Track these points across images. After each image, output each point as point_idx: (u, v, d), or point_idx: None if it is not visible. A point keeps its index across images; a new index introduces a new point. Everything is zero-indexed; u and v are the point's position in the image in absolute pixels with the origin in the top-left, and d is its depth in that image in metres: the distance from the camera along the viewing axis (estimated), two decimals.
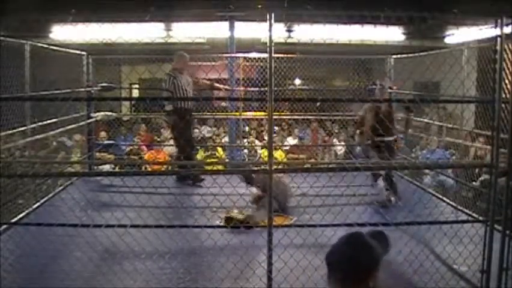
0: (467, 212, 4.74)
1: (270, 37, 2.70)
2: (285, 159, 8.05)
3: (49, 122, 5.22)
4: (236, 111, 7.15)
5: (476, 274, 3.08)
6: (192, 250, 3.72)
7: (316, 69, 7.40)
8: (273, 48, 2.72)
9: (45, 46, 5.23)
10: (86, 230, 3.25)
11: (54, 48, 5.43)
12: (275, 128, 8.72)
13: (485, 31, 6.19)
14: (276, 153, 7.82)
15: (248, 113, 7.72)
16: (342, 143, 8.72)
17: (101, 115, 6.34)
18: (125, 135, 9.01)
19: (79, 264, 3.33)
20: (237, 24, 6.93)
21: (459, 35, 7.95)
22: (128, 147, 8.29)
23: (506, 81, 3.15)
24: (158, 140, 8.89)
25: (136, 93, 10.42)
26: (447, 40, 8.53)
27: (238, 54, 6.98)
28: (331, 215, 3.47)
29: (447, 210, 4.76)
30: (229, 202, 3.82)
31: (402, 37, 8.43)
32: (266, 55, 2.75)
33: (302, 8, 5.99)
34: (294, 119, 9.18)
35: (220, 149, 8.11)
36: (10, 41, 4.41)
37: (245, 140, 8.55)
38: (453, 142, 5.83)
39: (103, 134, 7.99)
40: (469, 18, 6.90)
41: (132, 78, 9.71)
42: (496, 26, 2.89)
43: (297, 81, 10.96)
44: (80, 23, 7.14)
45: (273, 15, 2.69)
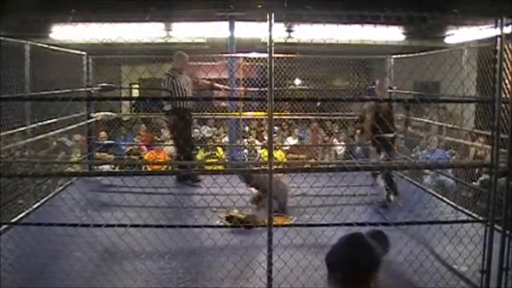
0: (467, 212, 4.74)
1: (270, 37, 2.71)
2: (285, 159, 8.05)
3: (49, 122, 5.22)
4: (236, 111, 7.15)
5: (476, 274, 3.08)
6: (192, 250, 3.72)
7: (316, 69, 7.40)
8: (273, 48, 2.72)
9: (45, 46, 5.23)
10: (86, 230, 3.25)
11: (54, 48, 5.43)
12: (275, 128, 8.72)
13: (485, 31, 6.20)
14: (276, 153, 7.82)
15: (248, 113, 7.71)
16: (342, 143, 8.72)
17: (101, 115, 6.34)
18: (125, 135, 9.01)
19: (79, 264, 3.33)
20: (237, 24, 6.92)
21: (459, 35, 7.96)
22: (128, 147, 8.29)
23: (506, 81, 3.16)
24: (158, 140, 8.89)
25: (136, 93, 10.41)
26: (447, 40, 8.53)
27: (238, 54, 6.97)
28: (331, 215, 3.47)
29: (447, 210, 4.76)
30: (229, 202, 3.83)
31: (402, 37, 8.43)
32: (266, 55, 2.75)
33: (302, 8, 6.00)
34: (294, 119, 9.18)
35: (220, 149, 8.11)
36: (10, 41, 4.41)
37: (245, 140, 8.55)
38: (453, 142, 5.82)
39: (103, 134, 7.98)
40: (469, 18, 6.90)
41: (132, 78, 9.70)
42: (496, 26, 2.89)
43: (297, 81, 10.96)
44: (80, 23, 7.15)
45: (273, 15, 2.69)
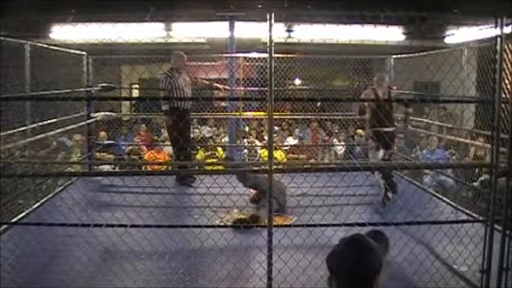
0: (467, 212, 4.74)
1: (270, 37, 2.71)
2: (285, 159, 8.05)
3: (49, 122, 5.21)
4: (236, 111, 7.15)
5: (476, 274, 3.08)
6: (192, 250, 3.72)
7: (316, 69, 7.40)
8: (273, 48, 2.72)
9: (45, 46, 5.23)
10: (86, 230, 3.25)
11: (55, 48, 5.43)
12: (275, 128, 8.72)
13: (485, 31, 6.20)
14: (276, 153, 7.82)
15: (248, 113, 7.71)
16: (342, 143, 8.71)
17: (101, 115, 6.34)
18: (125, 135, 9.02)
19: (79, 264, 3.33)
20: (237, 24, 6.93)
21: (459, 35, 7.96)
22: (128, 147, 8.29)
23: (506, 81, 3.16)
24: (158, 140, 8.89)
25: (136, 93, 10.42)
26: (447, 40, 8.54)
27: (238, 54, 6.98)
28: (331, 215, 3.47)
29: (447, 210, 4.75)
30: (229, 202, 3.83)
31: (402, 37, 8.43)
32: (266, 55, 2.75)
33: (302, 8, 6.01)
34: (294, 118, 9.18)
35: (220, 149, 8.10)
36: (10, 41, 4.40)
37: (245, 140, 8.54)
38: (453, 142, 5.82)
39: (103, 134, 7.98)
40: (469, 18, 6.91)
41: (132, 78, 9.71)
42: (496, 26, 2.89)
43: (297, 81, 10.96)
44: (80, 23, 7.15)
45: (273, 15, 2.70)
